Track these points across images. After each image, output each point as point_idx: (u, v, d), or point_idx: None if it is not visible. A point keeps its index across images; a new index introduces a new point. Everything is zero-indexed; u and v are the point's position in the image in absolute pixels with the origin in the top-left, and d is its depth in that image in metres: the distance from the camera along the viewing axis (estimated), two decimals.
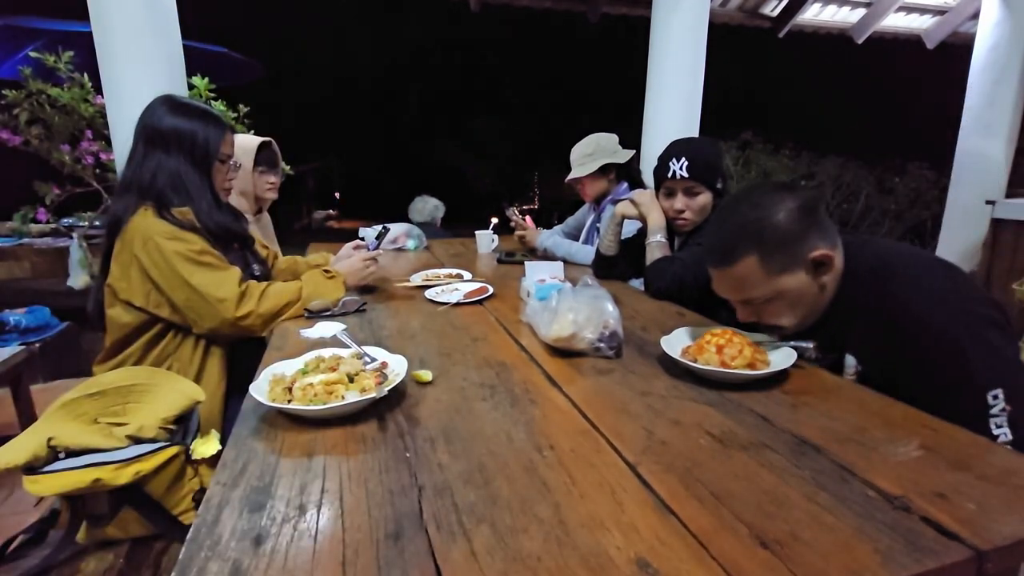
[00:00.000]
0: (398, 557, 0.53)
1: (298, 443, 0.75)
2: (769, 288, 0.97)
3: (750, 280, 0.97)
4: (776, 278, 0.96)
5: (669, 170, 1.57)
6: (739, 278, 0.98)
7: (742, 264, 0.96)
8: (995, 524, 0.56)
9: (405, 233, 2.47)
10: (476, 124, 13.52)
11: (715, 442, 0.74)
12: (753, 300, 1.00)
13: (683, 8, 3.08)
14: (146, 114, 1.33)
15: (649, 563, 0.52)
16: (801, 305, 0.99)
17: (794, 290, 0.97)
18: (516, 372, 1.00)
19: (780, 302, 0.99)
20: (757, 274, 0.96)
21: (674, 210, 1.60)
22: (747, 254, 0.95)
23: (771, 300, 0.98)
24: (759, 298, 0.99)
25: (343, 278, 1.46)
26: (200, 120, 1.33)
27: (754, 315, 1.03)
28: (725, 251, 0.99)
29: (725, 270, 1.00)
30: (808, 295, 0.98)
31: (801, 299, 0.99)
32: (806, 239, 0.95)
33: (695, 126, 3.19)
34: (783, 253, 0.95)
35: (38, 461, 0.91)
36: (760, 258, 0.95)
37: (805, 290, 0.98)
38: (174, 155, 1.30)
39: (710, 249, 1.04)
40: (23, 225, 3.24)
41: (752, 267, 0.96)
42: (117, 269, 1.26)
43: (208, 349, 1.31)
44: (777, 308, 1.00)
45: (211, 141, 1.34)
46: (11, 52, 3.83)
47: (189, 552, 0.53)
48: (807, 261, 0.96)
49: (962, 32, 5.23)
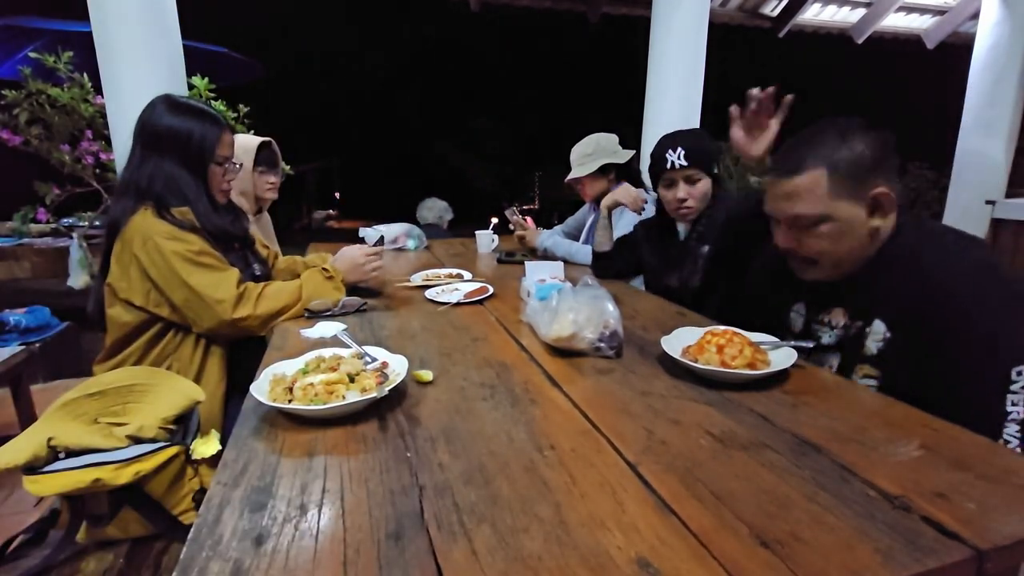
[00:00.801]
0: (399, 557, 0.53)
1: (299, 443, 0.76)
2: (823, 208, 0.95)
3: (810, 194, 0.95)
4: (834, 201, 0.94)
5: (667, 162, 1.57)
6: (800, 190, 0.96)
7: (808, 175, 0.95)
8: (995, 524, 0.56)
9: (405, 233, 2.47)
10: (476, 124, 13.53)
11: (715, 442, 0.74)
12: (802, 219, 0.98)
13: (683, 8, 3.08)
14: (144, 114, 1.32)
15: (650, 563, 0.52)
16: (845, 241, 0.97)
17: (845, 221, 0.95)
18: (516, 372, 1.00)
19: (827, 229, 0.97)
20: (818, 190, 0.95)
21: (677, 199, 1.59)
22: (816, 167, 0.94)
23: (819, 224, 0.97)
24: (809, 217, 0.97)
25: (342, 277, 1.45)
26: (196, 120, 1.31)
27: (795, 240, 1.01)
28: (795, 160, 0.97)
29: (789, 179, 0.98)
30: (855, 234, 0.97)
31: (847, 234, 0.97)
32: (875, 175, 0.94)
33: (695, 126, 3.19)
34: (851, 179, 0.94)
35: (38, 461, 0.91)
36: (828, 174, 0.94)
37: (855, 226, 0.96)
38: (169, 157, 1.29)
39: (779, 159, 1.02)
40: (23, 225, 3.24)
41: (816, 181, 0.95)
42: (117, 269, 1.26)
43: (208, 349, 1.31)
44: (821, 236, 0.98)
45: (206, 142, 1.32)
46: (11, 52, 3.83)
47: (190, 552, 0.53)
48: (868, 197, 0.94)
49: (962, 32, 5.23)
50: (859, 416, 0.82)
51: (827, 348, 1.07)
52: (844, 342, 1.04)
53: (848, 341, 1.03)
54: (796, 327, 1.15)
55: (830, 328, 1.07)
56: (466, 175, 13.10)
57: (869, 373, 0.99)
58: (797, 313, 1.15)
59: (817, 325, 1.10)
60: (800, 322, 1.14)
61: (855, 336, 1.02)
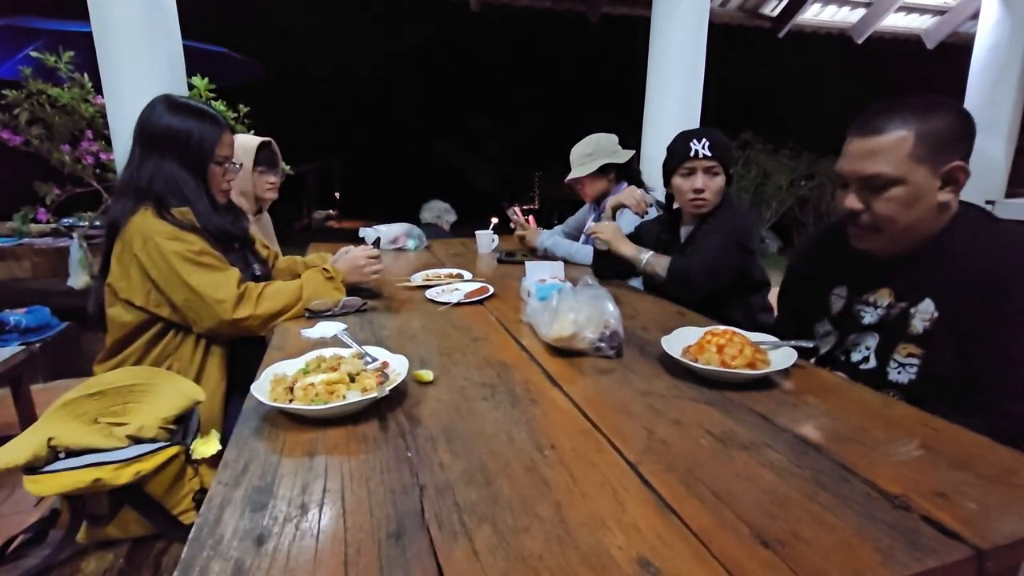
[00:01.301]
0: (400, 556, 0.53)
1: (300, 443, 0.76)
2: (901, 170, 0.95)
3: (890, 154, 0.95)
4: (914, 165, 0.94)
5: (691, 150, 1.56)
6: (881, 149, 0.96)
7: (893, 135, 0.95)
8: (995, 523, 0.56)
9: (405, 233, 2.47)
10: (476, 124, 13.53)
11: (716, 442, 0.74)
12: (878, 179, 0.97)
13: (683, 8, 3.08)
14: (144, 114, 1.31)
15: (650, 562, 0.52)
16: (914, 209, 0.97)
17: (919, 188, 0.95)
18: (517, 372, 1.00)
19: (900, 193, 0.96)
20: (900, 152, 0.94)
21: (694, 190, 1.58)
22: (903, 129, 0.95)
23: (893, 186, 0.96)
24: (886, 177, 0.96)
25: (342, 277, 1.45)
26: (195, 120, 1.31)
27: (863, 201, 1.01)
28: (883, 120, 0.97)
29: (871, 138, 0.97)
30: (925, 203, 0.96)
31: (918, 202, 0.96)
32: (956, 148, 0.94)
33: (695, 126, 3.19)
34: (933, 147, 0.94)
35: (38, 461, 0.91)
36: (914, 138, 0.94)
37: (926, 195, 0.96)
38: (169, 157, 1.29)
39: (864, 118, 1.01)
40: (23, 225, 3.24)
41: (900, 143, 0.95)
42: (117, 269, 1.26)
43: (208, 349, 1.31)
44: (892, 200, 0.97)
45: (206, 142, 1.31)
46: (11, 52, 3.83)
47: (191, 552, 0.54)
48: (945, 170, 0.95)
49: (962, 32, 5.24)
50: (859, 416, 0.82)
51: (865, 328, 1.08)
52: (886, 322, 1.05)
53: (890, 321, 1.04)
54: (835, 309, 1.16)
55: (873, 308, 1.07)
56: (466, 175, 13.10)
57: (912, 352, 1.00)
58: (838, 296, 1.16)
59: (860, 305, 1.10)
60: (840, 304, 1.15)
61: (899, 316, 1.02)
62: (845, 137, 1.03)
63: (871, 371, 1.05)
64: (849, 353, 1.10)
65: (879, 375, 1.04)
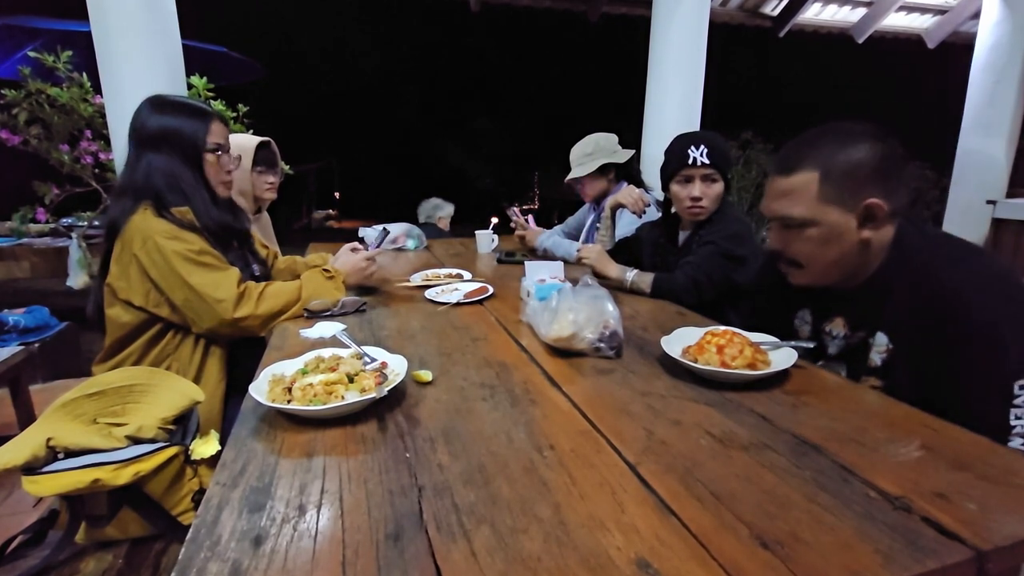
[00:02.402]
0: (398, 558, 0.53)
1: (298, 443, 0.75)
2: (811, 212, 0.94)
3: (799, 195, 0.95)
4: (823, 206, 0.94)
5: (689, 157, 1.56)
6: (790, 189, 0.96)
7: (800, 176, 0.95)
8: (996, 524, 0.56)
9: (405, 233, 2.47)
10: (476, 124, 13.53)
11: (715, 442, 0.74)
12: (790, 220, 0.97)
13: (683, 8, 3.08)
14: (135, 117, 1.33)
15: (649, 563, 0.51)
16: (831, 249, 0.96)
17: (832, 227, 0.94)
18: (516, 372, 1.00)
19: (813, 234, 0.96)
20: (809, 192, 0.94)
21: (691, 197, 1.58)
22: (809, 169, 0.94)
23: (806, 228, 0.96)
24: (797, 219, 0.96)
25: (342, 277, 1.45)
26: (181, 114, 1.32)
27: (782, 243, 1.01)
28: (791, 159, 0.97)
29: (782, 177, 0.98)
30: (842, 242, 0.95)
31: (833, 242, 0.95)
32: (871, 184, 0.92)
33: (695, 126, 3.19)
34: (843, 185, 0.92)
35: (37, 461, 0.91)
36: (820, 178, 0.93)
37: (842, 234, 0.94)
38: (164, 154, 1.30)
39: (782, 154, 1.01)
40: (22, 225, 3.24)
41: (807, 183, 0.94)
42: (116, 269, 1.26)
43: (208, 349, 1.31)
44: (807, 240, 0.97)
45: (197, 133, 1.32)
46: (10, 52, 3.83)
47: (189, 552, 0.53)
48: (860, 207, 0.93)
49: (963, 32, 5.23)
50: (859, 416, 0.81)
51: (833, 358, 1.07)
52: (847, 353, 1.04)
53: (851, 352, 1.03)
54: (803, 333, 1.15)
55: (831, 338, 1.07)
56: (466, 175, 13.10)
57: (875, 384, 0.99)
58: (802, 320, 1.15)
59: (823, 334, 1.09)
60: (807, 329, 1.14)
61: (858, 347, 1.01)
62: None
63: None
64: None
65: None
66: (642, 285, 1.57)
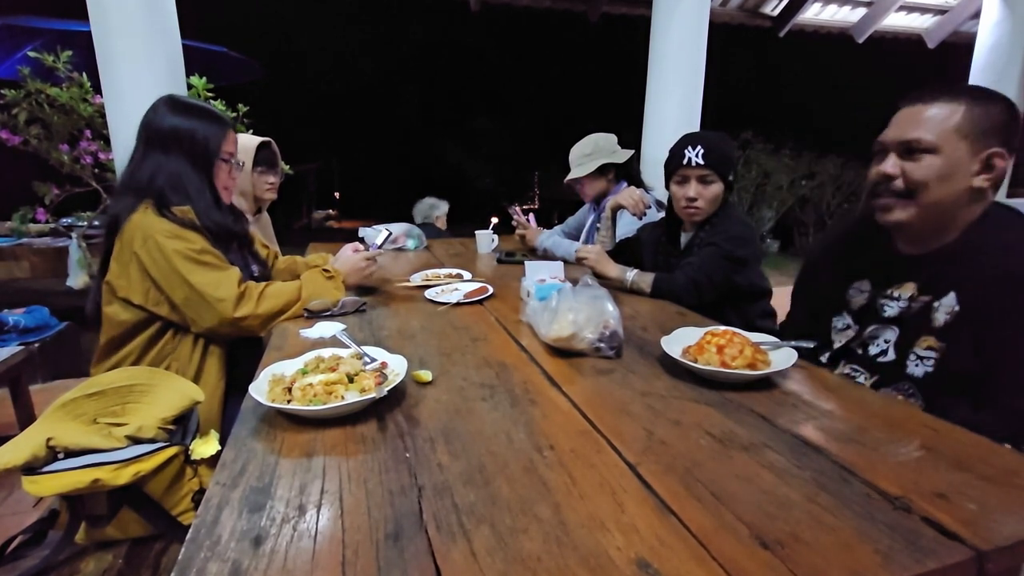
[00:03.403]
0: (398, 557, 0.53)
1: (298, 443, 0.75)
2: (944, 140, 0.96)
3: (935, 123, 0.97)
4: (955, 139, 0.95)
5: (684, 157, 1.56)
6: (928, 117, 0.98)
7: (942, 106, 0.97)
8: (996, 524, 0.56)
9: (405, 233, 2.47)
10: (476, 124, 13.53)
11: (715, 442, 0.74)
12: (918, 143, 0.98)
13: (683, 8, 3.08)
14: (148, 115, 1.33)
15: (649, 563, 0.51)
16: (948, 184, 0.97)
17: (956, 163, 0.96)
18: (516, 372, 1.00)
19: (935, 163, 0.97)
20: (946, 123, 0.96)
21: (686, 198, 1.58)
22: (955, 101, 0.96)
23: (931, 154, 0.97)
24: (925, 143, 0.97)
25: (342, 278, 1.46)
26: (200, 119, 1.33)
27: (898, 169, 1.01)
28: (936, 93, 0.99)
29: (919, 106, 0.99)
30: (960, 182, 0.97)
31: (952, 178, 0.97)
32: (1000, 136, 0.95)
33: (695, 126, 3.19)
34: (978, 127, 0.95)
35: (37, 461, 0.91)
36: (964, 110, 0.95)
37: (961, 173, 0.96)
38: (174, 155, 1.30)
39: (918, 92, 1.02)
40: (22, 225, 3.24)
41: (951, 112, 0.96)
42: (116, 267, 1.26)
43: (206, 349, 1.30)
44: (927, 169, 0.98)
45: (211, 140, 1.33)
46: (10, 52, 3.83)
47: (188, 552, 0.53)
48: (984, 155, 0.96)
49: (963, 32, 5.24)
50: (859, 416, 0.81)
51: (885, 321, 1.08)
52: (906, 316, 1.05)
53: (911, 315, 1.04)
54: (856, 303, 1.16)
55: (896, 301, 1.08)
56: (466, 175, 13.10)
57: (932, 345, 1.00)
58: (858, 290, 1.16)
59: (883, 300, 1.10)
60: (862, 298, 1.15)
61: (921, 309, 1.03)
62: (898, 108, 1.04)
63: (889, 364, 1.06)
64: (867, 346, 1.10)
65: (897, 368, 1.04)
66: (642, 285, 1.57)
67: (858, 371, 1.11)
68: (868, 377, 1.09)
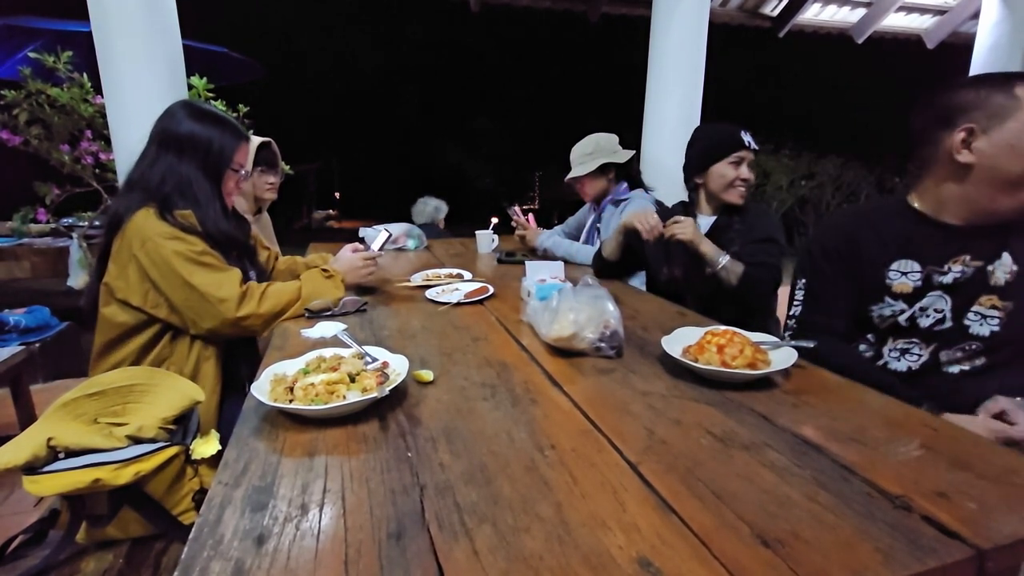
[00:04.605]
0: (400, 556, 0.53)
1: (300, 443, 0.75)
2: None
3: None
4: None
5: (743, 141, 1.63)
6: None
7: None
8: (996, 523, 0.56)
9: (405, 233, 2.47)
10: (476, 124, 13.53)
11: (716, 441, 0.74)
12: None
13: (683, 8, 3.08)
14: (164, 117, 1.33)
15: (651, 562, 0.52)
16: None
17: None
18: (517, 372, 1.00)
19: None
20: None
21: (741, 179, 1.65)
22: None
23: None
24: None
25: (342, 277, 1.46)
26: (217, 128, 1.34)
27: None
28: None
29: None
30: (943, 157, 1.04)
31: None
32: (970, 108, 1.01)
33: (695, 126, 3.18)
34: None
35: (38, 461, 0.91)
36: None
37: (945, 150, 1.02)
38: (187, 161, 1.31)
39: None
40: (23, 225, 3.25)
41: None
42: (115, 268, 1.26)
43: (203, 352, 1.30)
44: None
45: (226, 150, 1.34)
46: (11, 52, 3.83)
47: (191, 551, 0.53)
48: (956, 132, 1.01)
49: (962, 32, 5.24)
50: (860, 416, 0.82)
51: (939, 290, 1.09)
52: (959, 283, 1.07)
53: (964, 281, 1.06)
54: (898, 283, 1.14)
55: (947, 274, 1.09)
56: (466, 175, 13.10)
57: (995, 304, 1.03)
58: (898, 271, 1.14)
59: (936, 274, 1.11)
60: (911, 277, 1.13)
61: (974, 273, 1.05)
62: None
63: (947, 330, 1.08)
64: (916, 320, 1.11)
65: (957, 331, 1.07)
66: (731, 275, 1.52)
67: (912, 343, 1.13)
68: (924, 347, 1.11)
